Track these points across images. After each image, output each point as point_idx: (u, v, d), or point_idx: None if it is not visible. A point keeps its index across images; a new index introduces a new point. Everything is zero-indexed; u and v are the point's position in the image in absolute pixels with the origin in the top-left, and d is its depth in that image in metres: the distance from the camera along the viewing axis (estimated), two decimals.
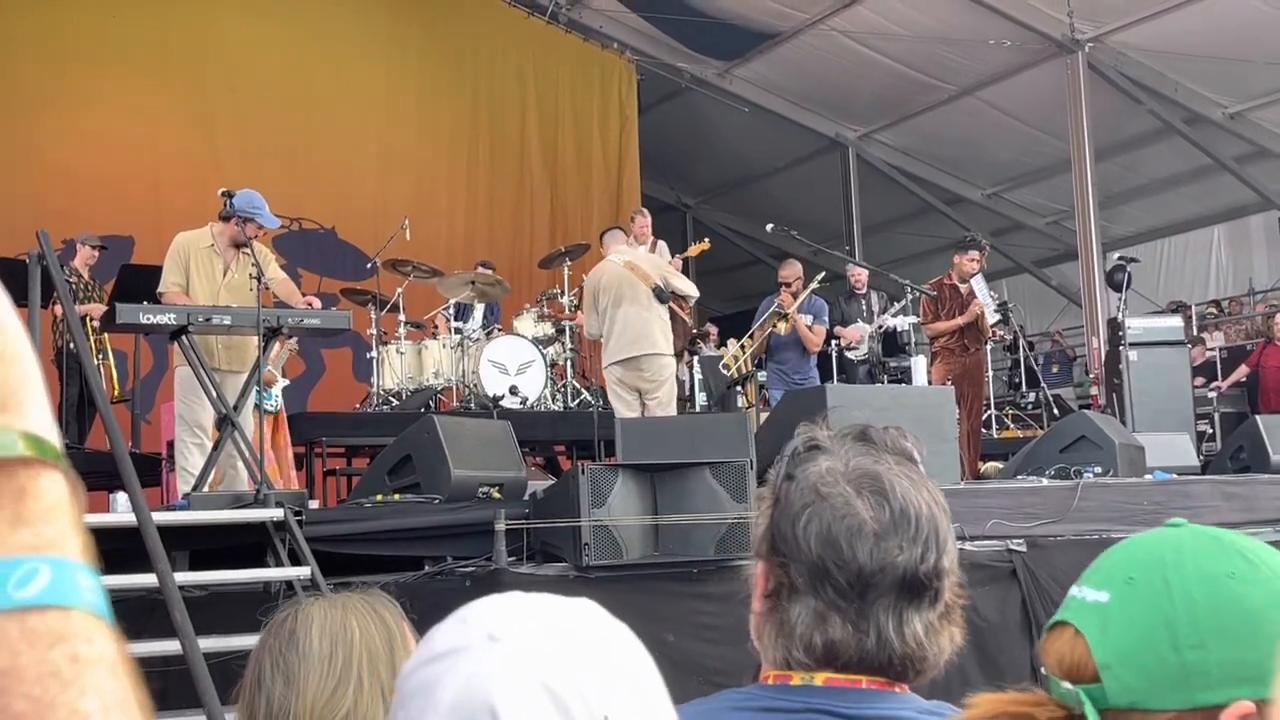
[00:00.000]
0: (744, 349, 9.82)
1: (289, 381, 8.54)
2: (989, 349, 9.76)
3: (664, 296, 7.89)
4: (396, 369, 9.57)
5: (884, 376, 10.08)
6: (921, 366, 9.05)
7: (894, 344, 10.78)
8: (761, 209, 15.71)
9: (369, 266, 10.58)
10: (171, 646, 3.98)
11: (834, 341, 9.94)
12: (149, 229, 11.19)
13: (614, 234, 8.61)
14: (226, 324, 5.85)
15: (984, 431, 10.01)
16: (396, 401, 9.48)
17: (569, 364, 10.24)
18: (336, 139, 13.16)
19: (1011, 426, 12.63)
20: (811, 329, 9.26)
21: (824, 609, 1.19)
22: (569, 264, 10.69)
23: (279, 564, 4.91)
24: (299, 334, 6.79)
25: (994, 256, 10.04)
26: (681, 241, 13.61)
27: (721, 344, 11.54)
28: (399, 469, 5.82)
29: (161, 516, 4.68)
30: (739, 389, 9.97)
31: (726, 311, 15.62)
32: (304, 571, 4.76)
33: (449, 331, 9.79)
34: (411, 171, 13.75)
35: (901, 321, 10.16)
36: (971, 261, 8.90)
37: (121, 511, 5.72)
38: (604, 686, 0.89)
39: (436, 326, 10.29)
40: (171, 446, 7.17)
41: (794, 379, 9.25)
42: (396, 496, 5.69)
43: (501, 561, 5.01)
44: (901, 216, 16.67)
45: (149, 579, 4.21)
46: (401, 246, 10.53)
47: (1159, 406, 9.83)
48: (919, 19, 12.79)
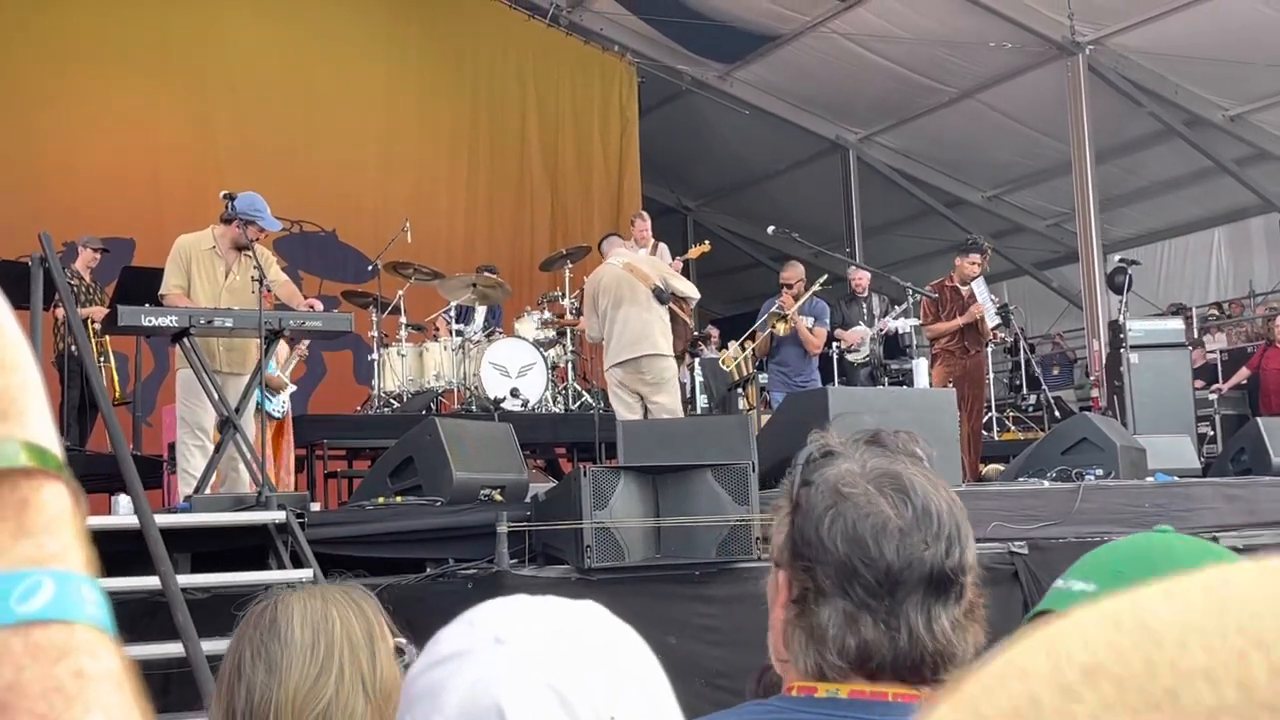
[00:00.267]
0: (744, 348, 9.82)
1: (296, 387, 8.54)
2: (989, 351, 9.76)
3: (664, 297, 7.88)
4: (398, 371, 9.57)
5: (885, 379, 10.09)
6: (923, 369, 9.05)
7: (895, 346, 10.78)
8: (762, 211, 15.70)
9: (370, 269, 10.58)
10: (175, 649, 3.98)
11: (834, 344, 9.94)
12: (150, 231, 11.18)
13: (612, 240, 8.63)
14: (228, 326, 5.86)
15: (985, 433, 10.02)
16: (398, 404, 9.48)
17: (570, 366, 10.24)
18: (337, 141, 13.16)
19: (1012, 428, 12.63)
20: (813, 331, 9.26)
21: (854, 609, 1.18)
22: (570, 266, 10.70)
23: (281, 566, 4.91)
24: (301, 336, 6.79)
25: (994, 259, 10.04)
26: (682, 244, 13.63)
27: (723, 346, 11.54)
28: (401, 471, 5.82)
29: (164, 519, 4.68)
30: (740, 391, 9.97)
31: (727, 314, 15.64)
32: (306, 574, 4.76)
33: (450, 334, 9.79)
34: (412, 174, 13.75)
35: (903, 324, 10.16)
36: (972, 265, 8.90)
37: (123, 514, 5.71)
38: (610, 688, 0.90)
39: (438, 329, 10.29)
40: (173, 449, 7.17)
41: (795, 381, 9.25)
42: (398, 499, 5.69)
43: (503, 564, 5.01)
44: (902, 219, 16.67)
45: (151, 581, 4.21)
46: (402, 249, 10.53)
47: (1160, 409, 9.82)
48: (919, 21, 12.79)
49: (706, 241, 10.78)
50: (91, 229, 9.88)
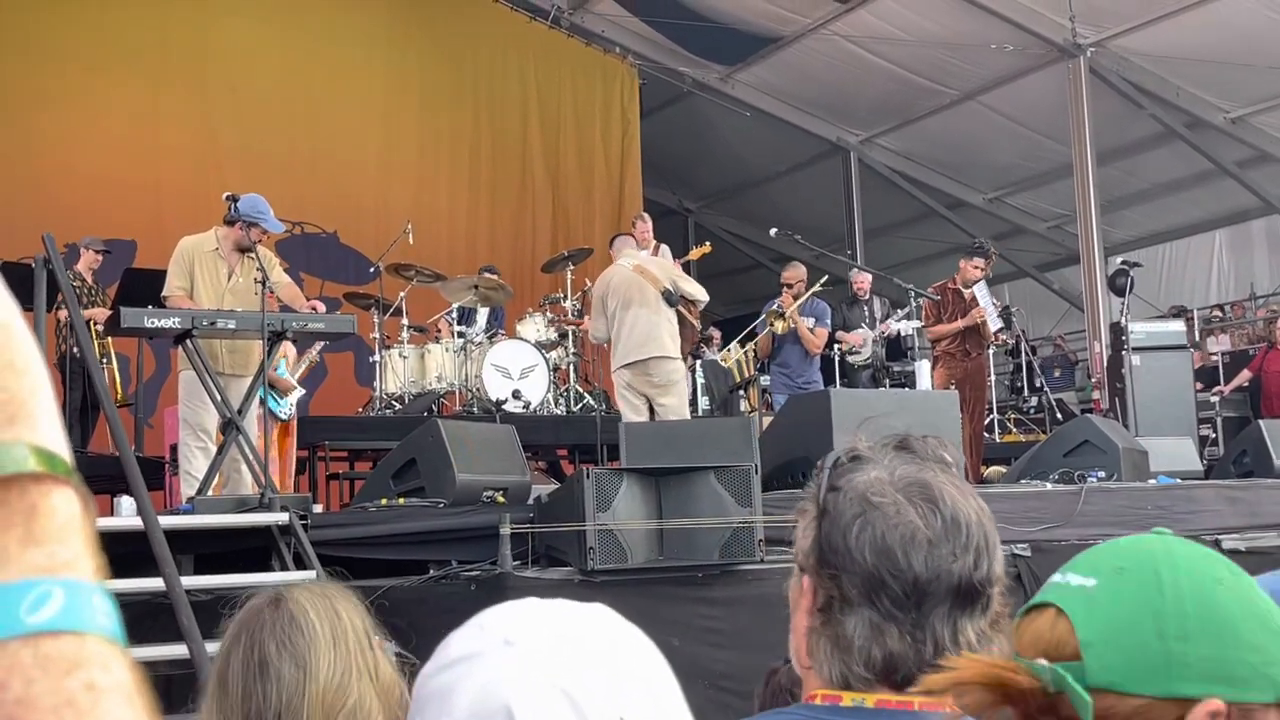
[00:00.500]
0: (744, 348, 9.83)
1: (303, 391, 8.53)
2: (991, 353, 9.76)
3: (673, 300, 7.89)
4: (399, 373, 9.57)
5: (887, 381, 10.08)
6: (926, 371, 9.05)
7: (898, 348, 10.77)
8: (763, 213, 15.73)
9: (372, 270, 10.58)
10: (176, 650, 3.98)
11: (836, 346, 9.93)
12: (151, 232, 11.18)
13: (624, 239, 8.61)
14: (231, 328, 5.87)
15: (986, 435, 10.01)
16: (399, 405, 9.48)
17: (572, 368, 10.24)
18: (338, 143, 13.16)
19: (1014, 430, 12.62)
20: (814, 331, 9.25)
21: (880, 620, 1.16)
22: (572, 268, 10.70)
23: (284, 568, 4.91)
24: (303, 338, 6.79)
25: (996, 261, 10.02)
26: (683, 245, 13.63)
27: (724, 348, 11.54)
28: (403, 473, 5.82)
29: (168, 520, 4.68)
30: (742, 393, 9.97)
31: (728, 315, 15.62)
32: (309, 575, 4.76)
33: (452, 335, 9.79)
34: (413, 175, 13.75)
35: (906, 326, 10.16)
36: (975, 268, 8.91)
37: (126, 515, 5.72)
38: (619, 689, 0.90)
39: (439, 330, 10.29)
40: (175, 450, 7.18)
41: (797, 383, 9.24)
42: (401, 500, 5.70)
43: (506, 566, 5.00)
44: (903, 221, 16.68)
45: (154, 583, 4.21)
46: (404, 250, 10.53)
47: (1161, 411, 9.81)
48: (921, 23, 12.80)
49: (708, 243, 10.78)
50: (93, 230, 9.88)
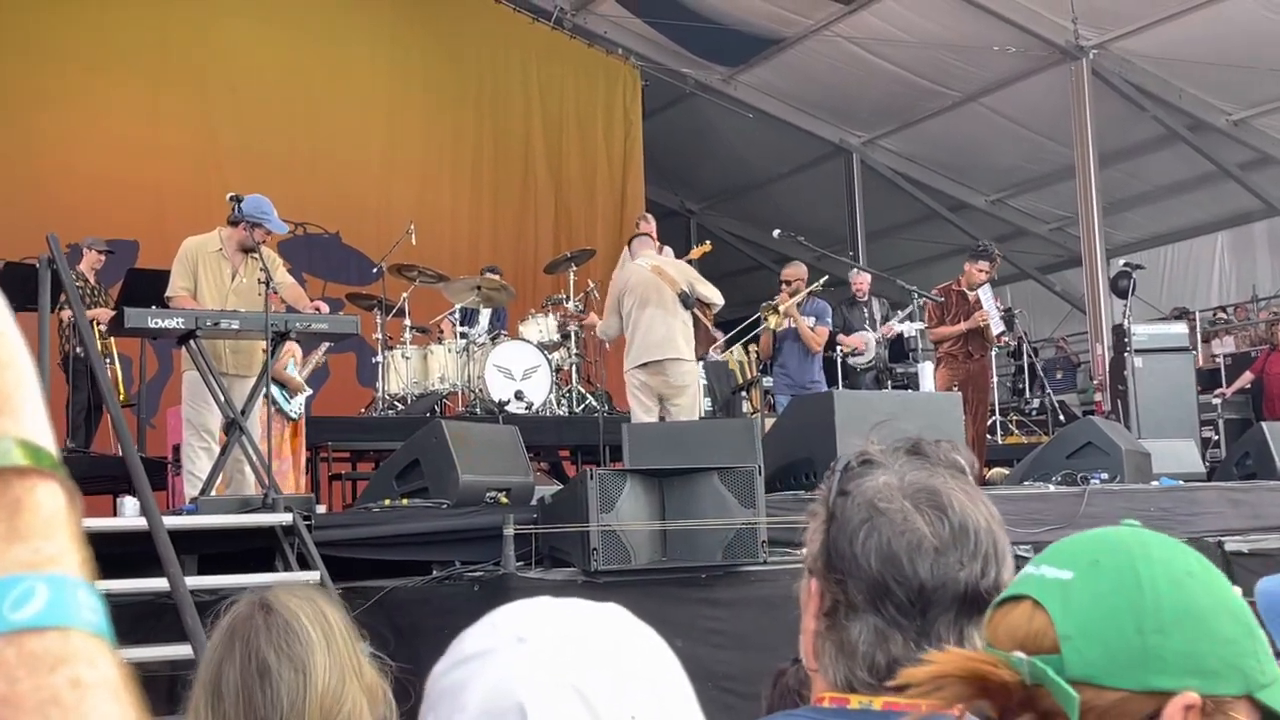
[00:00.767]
0: (746, 350, 9.83)
1: (312, 391, 8.54)
2: (993, 355, 9.76)
3: (689, 302, 7.91)
4: (402, 374, 9.57)
5: (889, 382, 10.08)
6: (929, 372, 9.06)
7: (900, 350, 10.77)
8: (765, 215, 15.73)
9: (374, 271, 10.57)
10: (180, 651, 3.99)
11: (837, 348, 9.94)
12: (153, 233, 11.17)
13: (642, 240, 8.63)
14: (235, 329, 5.87)
15: (989, 437, 10.01)
16: (402, 406, 9.48)
17: (574, 369, 10.24)
18: (340, 143, 13.16)
19: (1016, 432, 12.61)
20: (814, 330, 9.25)
21: (885, 627, 1.16)
22: (574, 269, 10.70)
23: (288, 568, 4.91)
24: (307, 339, 6.79)
25: (1000, 264, 10.02)
26: (685, 247, 13.60)
27: (726, 349, 11.54)
28: (407, 474, 5.82)
29: (172, 521, 4.69)
30: (744, 394, 9.97)
31: (730, 317, 15.59)
32: (313, 576, 4.76)
33: (454, 336, 9.79)
34: (416, 176, 13.75)
35: (909, 327, 10.16)
36: (980, 271, 8.92)
37: (129, 515, 5.72)
38: (631, 689, 0.90)
39: (442, 331, 10.29)
40: (178, 450, 7.18)
41: (798, 383, 9.25)
42: (404, 501, 5.70)
43: (510, 566, 5.01)
44: (905, 222, 16.67)
45: (157, 583, 4.22)
46: (406, 251, 10.53)
47: (1163, 413, 9.81)
48: (923, 25, 12.80)
49: (708, 242, 10.77)
50: (94, 231, 9.87)
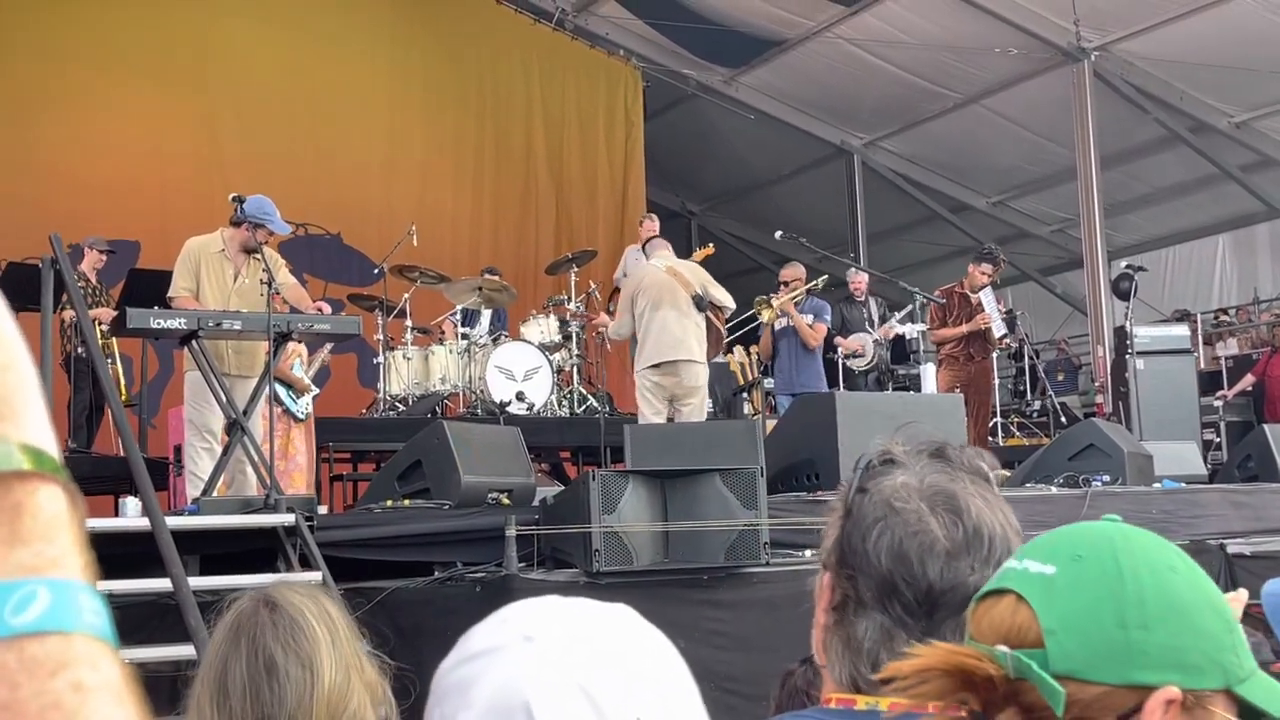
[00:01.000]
0: (748, 352, 9.83)
1: (318, 390, 8.54)
2: (995, 357, 9.76)
3: (702, 305, 7.94)
4: (403, 374, 9.57)
5: (891, 384, 10.07)
6: (931, 374, 9.06)
7: (902, 352, 10.76)
8: (766, 216, 15.74)
9: (376, 272, 10.58)
10: (183, 651, 3.99)
11: (836, 350, 9.93)
12: (154, 233, 11.18)
13: (658, 241, 8.66)
14: (237, 329, 5.87)
15: (990, 439, 10.01)
16: (403, 407, 9.49)
17: (576, 370, 10.24)
18: (342, 144, 13.16)
19: (1017, 434, 12.60)
20: (812, 327, 9.26)
21: (891, 625, 1.17)
22: (575, 270, 10.70)
23: (290, 569, 4.91)
24: (309, 339, 6.79)
25: (1004, 267, 10.03)
26: (686, 248, 13.62)
27: (728, 350, 11.55)
28: (409, 475, 5.82)
29: (174, 521, 4.68)
30: (745, 396, 9.97)
31: (730, 317, 15.60)
32: (315, 576, 4.76)
33: (456, 337, 9.79)
34: (417, 177, 13.75)
35: (910, 329, 10.15)
36: (983, 274, 8.93)
37: (131, 516, 5.72)
38: (637, 689, 0.90)
39: (443, 332, 10.29)
40: (179, 451, 7.18)
41: (800, 385, 9.25)
42: (406, 502, 5.70)
43: (512, 567, 5.01)
44: (906, 224, 16.66)
45: (160, 583, 4.22)
46: (408, 252, 10.54)
47: (1165, 415, 9.81)
48: (925, 27, 12.80)
49: (710, 244, 10.78)
50: (96, 231, 9.87)
